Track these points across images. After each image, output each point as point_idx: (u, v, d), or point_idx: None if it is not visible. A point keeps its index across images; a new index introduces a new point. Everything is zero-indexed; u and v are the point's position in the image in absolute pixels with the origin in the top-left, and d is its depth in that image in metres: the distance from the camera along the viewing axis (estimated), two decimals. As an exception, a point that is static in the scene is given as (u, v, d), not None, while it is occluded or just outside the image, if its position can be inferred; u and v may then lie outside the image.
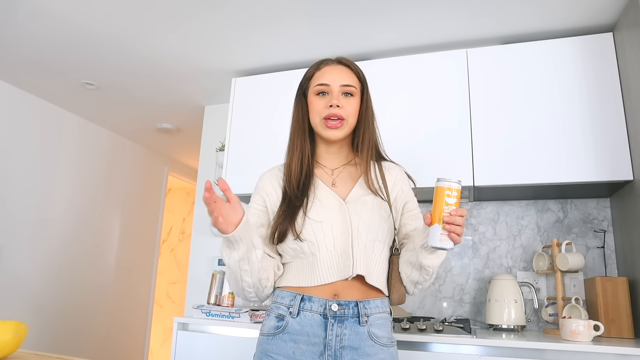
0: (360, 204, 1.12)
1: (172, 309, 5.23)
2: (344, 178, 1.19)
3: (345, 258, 1.08)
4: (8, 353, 0.97)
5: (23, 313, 2.85)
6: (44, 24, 2.14)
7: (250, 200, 1.22)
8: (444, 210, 0.96)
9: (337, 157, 1.22)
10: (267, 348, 1.08)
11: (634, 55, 1.73)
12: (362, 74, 1.21)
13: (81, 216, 3.32)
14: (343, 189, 1.17)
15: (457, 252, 2.25)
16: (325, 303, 1.07)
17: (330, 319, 1.06)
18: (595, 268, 2.04)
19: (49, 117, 3.07)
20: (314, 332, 1.06)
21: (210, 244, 2.75)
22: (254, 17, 2.04)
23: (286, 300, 1.10)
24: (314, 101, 1.17)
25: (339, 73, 1.17)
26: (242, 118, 2.41)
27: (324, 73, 1.18)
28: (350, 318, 1.06)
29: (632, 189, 1.79)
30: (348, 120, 1.15)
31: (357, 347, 1.05)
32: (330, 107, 1.13)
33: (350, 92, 1.16)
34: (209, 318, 1.98)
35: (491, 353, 1.56)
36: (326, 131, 1.15)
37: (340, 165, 1.21)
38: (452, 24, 2.03)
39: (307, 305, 1.07)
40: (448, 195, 0.97)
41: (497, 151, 1.96)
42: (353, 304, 1.07)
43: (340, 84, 1.15)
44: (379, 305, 1.11)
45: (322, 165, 1.22)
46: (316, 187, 1.16)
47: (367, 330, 1.06)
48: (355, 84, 1.18)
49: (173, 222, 5.51)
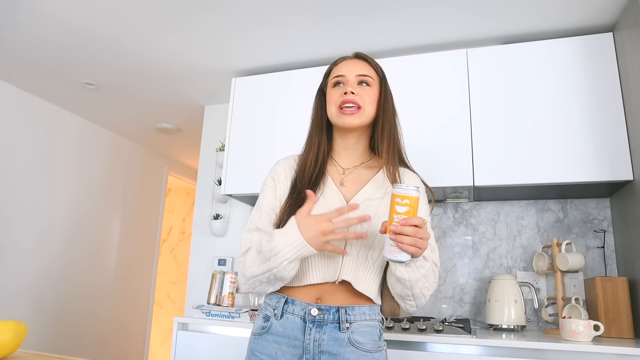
0: (362, 208, 1.09)
1: (172, 309, 5.23)
2: (353, 179, 1.16)
3: (334, 261, 1.07)
4: (8, 353, 0.97)
5: (23, 313, 2.85)
6: (44, 25, 2.14)
7: (264, 183, 1.21)
8: (393, 220, 0.91)
9: (352, 153, 1.19)
10: (254, 347, 1.10)
11: (634, 55, 1.73)
12: (380, 68, 1.20)
13: (81, 216, 3.32)
14: (350, 190, 1.14)
15: (457, 252, 2.25)
16: (306, 307, 1.06)
17: (309, 323, 1.05)
18: (595, 268, 2.04)
19: (49, 118, 3.07)
20: (294, 335, 1.06)
21: (210, 244, 2.75)
22: (254, 17, 2.04)
23: (273, 301, 1.11)
24: (330, 92, 1.16)
25: (355, 65, 1.16)
26: (242, 118, 2.41)
27: (340, 67, 1.17)
28: (330, 324, 1.05)
29: (632, 189, 1.79)
30: (365, 108, 1.12)
31: (336, 352, 1.03)
32: (345, 94, 1.11)
33: (366, 82, 1.14)
34: (209, 318, 1.98)
35: (491, 353, 1.56)
36: (341, 118, 1.12)
37: (352, 166, 1.18)
38: (452, 24, 2.03)
39: (290, 308, 1.07)
40: (397, 203, 0.91)
41: (497, 151, 1.96)
42: (334, 310, 1.05)
43: (356, 74, 1.14)
44: (365, 312, 1.08)
45: (335, 162, 1.19)
46: (325, 184, 1.14)
47: (348, 337, 1.04)
48: (372, 75, 1.16)
49: (173, 222, 5.51)
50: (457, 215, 2.29)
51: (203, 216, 2.82)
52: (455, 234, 2.28)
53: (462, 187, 2.01)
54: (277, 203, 1.15)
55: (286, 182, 1.17)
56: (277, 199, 1.16)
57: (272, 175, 1.19)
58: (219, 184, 2.67)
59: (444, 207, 2.32)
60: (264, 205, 1.15)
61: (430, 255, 1.02)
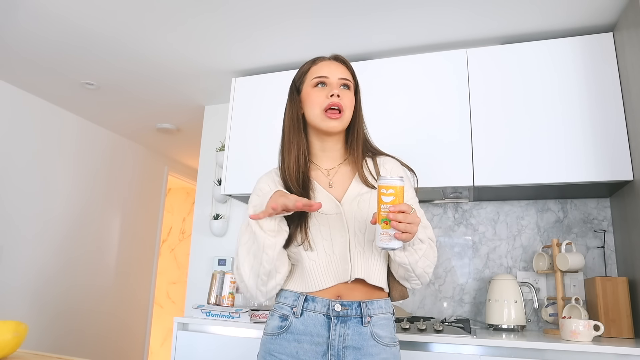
0: (356, 204, 1.11)
1: (172, 309, 5.23)
2: (340, 178, 1.18)
3: (343, 262, 1.08)
4: (8, 353, 0.97)
5: (23, 313, 2.85)
6: (44, 24, 2.14)
7: (249, 203, 1.17)
8: (381, 210, 0.95)
9: (332, 154, 1.20)
10: (270, 347, 1.09)
11: (634, 55, 1.73)
12: (354, 72, 1.22)
13: (81, 216, 3.32)
14: (339, 189, 1.16)
15: (457, 252, 2.25)
16: (329, 303, 1.07)
17: (334, 319, 1.06)
18: (595, 268, 2.04)
19: (49, 117, 3.07)
20: (317, 332, 1.06)
21: (210, 244, 2.75)
22: (254, 17, 2.04)
23: (289, 300, 1.11)
24: (313, 93, 1.15)
25: (336, 67, 1.17)
26: (242, 118, 2.41)
27: (321, 67, 1.17)
28: (353, 318, 1.07)
29: (632, 189, 1.79)
30: (345, 113, 1.14)
31: (360, 347, 1.05)
32: (332, 96, 1.12)
33: (347, 85, 1.17)
34: (209, 318, 1.98)
35: (491, 353, 1.56)
36: (326, 122, 1.12)
37: (336, 165, 1.19)
38: (452, 24, 2.03)
39: (311, 305, 1.08)
40: (383, 193, 0.95)
41: (497, 151, 1.96)
42: (356, 305, 1.07)
43: (338, 76, 1.15)
44: (382, 306, 1.11)
45: (317, 165, 1.19)
46: (314, 190, 1.14)
47: (370, 331, 1.07)
48: (351, 79, 1.19)
49: (173, 222, 5.51)
50: (457, 215, 2.29)
51: (203, 216, 2.82)
52: (455, 234, 2.28)
53: (462, 187, 2.01)
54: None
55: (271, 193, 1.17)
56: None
57: (256, 192, 1.17)
58: (219, 184, 2.67)
59: (444, 207, 2.32)
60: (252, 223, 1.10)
61: (424, 236, 1.05)
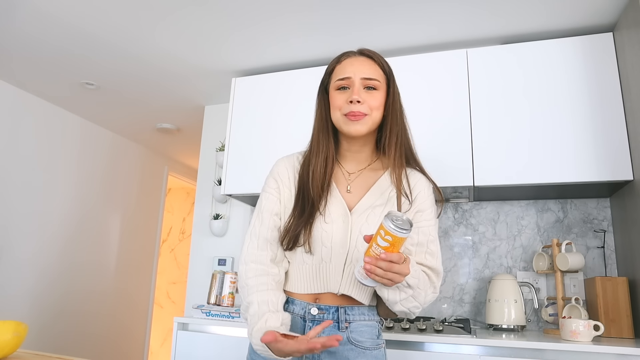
0: (365, 218, 1.06)
1: (172, 309, 5.23)
2: (359, 184, 1.12)
3: (335, 273, 1.05)
4: (8, 353, 0.96)
5: (23, 313, 2.85)
6: (44, 25, 2.14)
7: (265, 184, 1.15)
8: (371, 248, 0.87)
9: (357, 157, 1.13)
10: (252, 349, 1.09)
11: (634, 55, 1.73)
12: (386, 65, 1.12)
13: (81, 216, 3.32)
14: (354, 196, 1.10)
15: (457, 252, 2.25)
16: (306, 306, 1.06)
17: (309, 322, 1.05)
18: (595, 268, 2.04)
19: (49, 118, 3.07)
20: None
21: (210, 244, 2.75)
22: (254, 17, 2.04)
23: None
24: (335, 96, 1.09)
25: (360, 65, 1.08)
26: (242, 118, 2.41)
27: (344, 66, 1.10)
28: None
29: (632, 189, 1.79)
30: (371, 114, 1.06)
31: (335, 350, 1.03)
32: (351, 102, 1.05)
33: (372, 86, 1.07)
34: (209, 318, 1.98)
35: (491, 353, 1.56)
36: (348, 125, 1.06)
37: (358, 170, 1.13)
38: (451, 23, 2.03)
39: (290, 307, 1.07)
40: (380, 235, 0.86)
41: (497, 151, 1.96)
42: (333, 309, 1.05)
43: (362, 77, 1.06)
44: (364, 313, 1.08)
45: (341, 166, 1.14)
46: (331, 192, 1.09)
47: (347, 336, 1.04)
48: (379, 77, 1.08)
49: (173, 222, 5.51)
50: (457, 215, 2.29)
51: (203, 216, 2.82)
52: (455, 234, 2.28)
53: (462, 187, 2.01)
54: (280, 207, 1.11)
55: (290, 185, 1.12)
56: (280, 202, 1.11)
57: (274, 176, 1.14)
58: (219, 184, 2.67)
59: (444, 207, 2.32)
60: (265, 209, 1.11)
61: (415, 283, 0.99)
